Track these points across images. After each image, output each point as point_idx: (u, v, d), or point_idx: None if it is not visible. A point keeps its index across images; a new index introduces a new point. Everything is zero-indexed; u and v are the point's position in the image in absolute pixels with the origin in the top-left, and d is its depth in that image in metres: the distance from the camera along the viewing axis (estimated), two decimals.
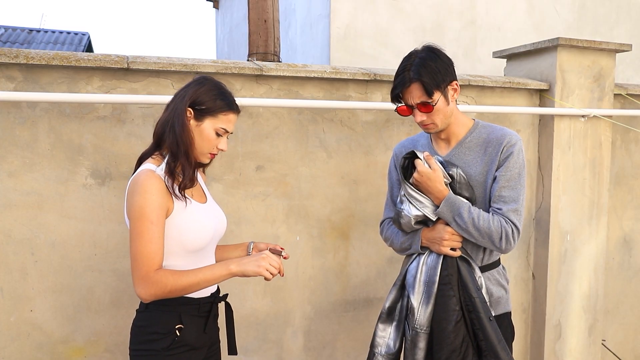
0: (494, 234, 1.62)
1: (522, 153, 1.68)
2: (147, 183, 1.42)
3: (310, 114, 2.35)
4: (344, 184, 2.44)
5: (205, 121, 1.51)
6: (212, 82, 1.54)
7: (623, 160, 3.08)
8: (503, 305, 1.79)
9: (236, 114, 1.56)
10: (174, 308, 1.52)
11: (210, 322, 1.60)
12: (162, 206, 1.43)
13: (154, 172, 1.46)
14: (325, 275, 2.44)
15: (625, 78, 5.08)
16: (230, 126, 1.55)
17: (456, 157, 1.73)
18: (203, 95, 1.50)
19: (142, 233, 1.40)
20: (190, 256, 1.54)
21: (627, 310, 3.18)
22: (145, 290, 1.40)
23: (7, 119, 1.92)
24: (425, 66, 1.62)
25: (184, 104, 1.50)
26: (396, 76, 1.68)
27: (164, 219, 1.45)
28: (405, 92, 1.66)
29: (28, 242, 1.97)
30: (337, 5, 4.07)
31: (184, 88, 1.53)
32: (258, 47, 3.36)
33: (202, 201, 1.61)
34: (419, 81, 1.62)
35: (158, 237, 1.42)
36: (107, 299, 2.08)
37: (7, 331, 1.97)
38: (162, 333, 1.49)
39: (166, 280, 1.39)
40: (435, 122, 1.68)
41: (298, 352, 2.42)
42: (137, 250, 1.40)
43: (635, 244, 3.16)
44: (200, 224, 1.53)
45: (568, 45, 2.68)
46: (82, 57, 1.94)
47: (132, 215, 1.42)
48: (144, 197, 1.41)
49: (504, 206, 1.64)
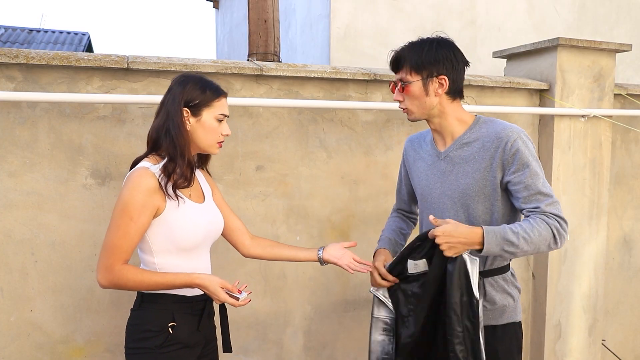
0: (547, 238, 1.50)
1: (527, 143, 1.58)
2: (138, 180, 1.46)
3: (310, 114, 2.35)
4: (344, 184, 2.44)
5: (203, 114, 1.55)
6: (193, 77, 1.58)
7: (623, 160, 3.08)
8: (509, 315, 1.70)
9: (225, 97, 1.61)
10: (167, 306, 1.54)
11: (204, 320, 1.61)
12: (146, 205, 1.46)
13: (149, 169, 1.49)
14: (325, 275, 2.44)
15: (625, 78, 5.08)
16: (225, 110, 1.60)
17: (453, 154, 1.67)
18: (191, 92, 1.54)
19: (120, 226, 1.46)
20: (183, 254, 1.56)
21: (627, 310, 3.18)
22: (104, 278, 1.46)
23: (7, 119, 1.92)
24: (416, 48, 1.61)
25: (178, 106, 1.53)
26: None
27: (147, 218, 1.48)
28: (393, 68, 1.67)
29: (28, 242, 1.97)
30: (337, 5, 4.07)
31: (169, 92, 1.56)
32: (258, 47, 3.36)
33: (199, 201, 1.62)
34: (401, 57, 1.62)
35: (133, 234, 1.46)
36: (107, 299, 2.08)
37: (7, 331, 1.97)
38: (155, 331, 1.51)
39: (127, 277, 1.46)
40: (408, 107, 1.66)
41: (298, 352, 2.42)
42: (110, 240, 1.47)
43: (635, 244, 3.15)
44: (193, 223, 1.55)
45: (568, 45, 2.68)
46: (82, 57, 1.94)
47: (116, 207, 1.47)
48: (131, 194, 1.45)
49: (539, 204, 1.53)
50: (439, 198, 1.70)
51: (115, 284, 1.46)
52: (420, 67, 1.59)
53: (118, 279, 1.46)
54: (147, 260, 1.55)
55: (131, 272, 1.46)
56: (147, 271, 1.50)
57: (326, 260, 1.74)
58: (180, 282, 1.49)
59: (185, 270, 1.54)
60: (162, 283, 1.48)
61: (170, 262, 1.54)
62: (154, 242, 1.52)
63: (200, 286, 1.49)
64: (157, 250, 1.53)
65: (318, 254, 1.75)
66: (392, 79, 2.43)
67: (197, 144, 1.58)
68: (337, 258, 1.73)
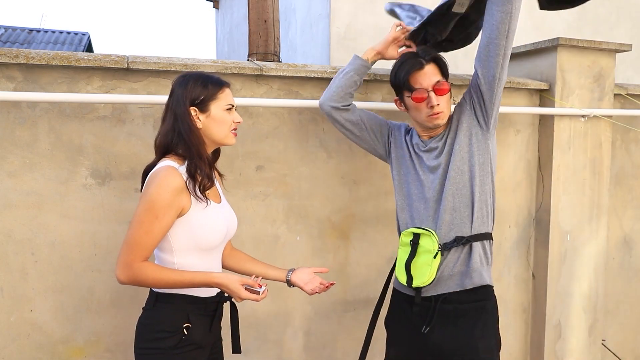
0: None
1: None
2: (165, 179, 1.45)
3: (310, 114, 2.35)
4: (344, 184, 2.43)
5: (211, 108, 1.56)
6: (192, 75, 1.59)
7: (623, 160, 3.08)
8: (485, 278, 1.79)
9: (229, 87, 1.62)
10: (182, 306, 1.53)
11: (216, 321, 1.62)
12: (172, 205, 1.45)
13: (177, 169, 1.48)
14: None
15: (625, 78, 5.08)
16: (231, 99, 1.61)
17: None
18: (195, 90, 1.54)
19: (143, 223, 1.44)
20: (202, 254, 1.56)
21: (627, 310, 3.18)
22: (123, 274, 1.46)
23: (7, 119, 1.92)
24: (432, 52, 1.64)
25: (185, 107, 1.52)
26: (399, 65, 1.67)
27: (171, 218, 1.47)
28: (418, 75, 1.64)
29: (28, 242, 1.97)
30: (337, 5, 4.06)
31: (172, 95, 1.56)
32: (258, 47, 3.36)
33: (217, 201, 1.63)
34: (434, 62, 1.61)
35: (157, 233, 1.45)
36: (107, 299, 2.08)
37: (7, 331, 1.97)
38: (170, 331, 1.51)
39: (146, 274, 1.45)
40: (444, 110, 1.66)
41: (298, 352, 2.42)
42: (133, 237, 1.45)
43: (635, 244, 3.15)
44: (215, 223, 1.56)
45: (568, 45, 2.68)
46: (82, 57, 1.94)
47: (141, 203, 1.46)
48: (158, 192, 1.44)
49: None
50: None
51: (134, 280, 1.46)
52: (446, 73, 1.67)
53: (137, 276, 1.45)
54: (165, 259, 1.54)
55: (150, 269, 1.46)
56: (166, 269, 1.49)
57: (293, 283, 1.75)
58: (199, 281, 1.48)
59: (203, 269, 1.54)
60: (180, 281, 1.47)
61: (190, 262, 1.54)
62: (175, 242, 1.52)
63: (220, 285, 1.49)
64: (178, 249, 1.52)
65: (287, 275, 1.76)
66: None
67: (213, 138, 1.58)
68: (304, 282, 1.74)
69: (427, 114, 1.75)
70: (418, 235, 1.75)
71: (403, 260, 1.79)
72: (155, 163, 1.55)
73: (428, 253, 1.72)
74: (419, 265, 1.74)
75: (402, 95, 1.83)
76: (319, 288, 1.74)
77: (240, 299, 1.50)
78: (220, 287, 1.49)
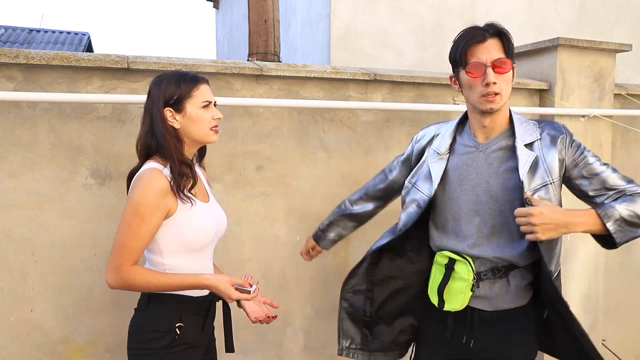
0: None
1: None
2: (149, 181, 1.44)
3: (310, 114, 2.35)
4: (344, 184, 2.43)
5: (186, 107, 1.52)
6: (167, 75, 1.55)
7: (623, 160, 3.08)
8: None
9: (205, 83, 1.57)
10: (174, 306, 1.53)
11: (209, 320, 1.61)
12: (158, 207, 1.44)
13: (161, 171, 1.47)
14: (326, 275, 2.44)
15: (625, 78, 5.08)
16: (208, 96, 1.56)
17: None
18: (167, 90, 1.51)
19: (130, 227, 1.43)
20: (192, 255, 1.55)
21: (627, 310, 3.18)
22: (112, 279, 1.45)
23: (7, 119, 1.92)
24: (505, 31, 1.50)
25: (159, 109, 1.50)
26: (459, 37, 1.52)
27: (158, 220, 1.46)
28: (477, 48, 1.48)
29: (28, 242, 1.97)
30: (337, 5, 4.06)
31: (149, 97, 1.54)
32: (258, 47, 3.36)
33: (205, 200, 1.62)
34: (498, 37, 1.47)
35: (144, 236, 1.45)
36: (107, 299, 2.08)
37: (7, 331, 1.97)
38: (162, 331, 1.50)
39: (135, 278, 1.44)
40: (502, 92, 1.49)
41: (298, 352, 2.42)
42: (120, 241, 1.44)
43: (635, 244, 3.15)
44: (203, 223, 1.55)
45: (568, 45, 2.68)
46: (82, 57, 1.94)
47: (127, 207, 1.45)
48: (143, 195, 1.43)
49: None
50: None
51: (123, 284, 1.45)
52: (511, 52, 1.50)
53: (127, 280, 1.44)
54: (155, 260, 1.54)
55: (139, 273, 1.45)
56: (155, 272, 1.48)
57: (241, 306, 1.71)
58: (188, 283, 1.48)
59: (193, 270, 1.54)
60: (170, 284, 1.47)
61: (180, 263, 1.53)
62: (164, 243, 1.51)
63: (209, 287, 1.48)
64: (167, 250, 1.52)
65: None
66: (392, 79, 2.43)
67: (192, 137, 1.55)
68: (250, 310, 1.71)
69: (480, 93, 1.52)
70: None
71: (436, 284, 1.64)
72: (140, 166, 1.54)
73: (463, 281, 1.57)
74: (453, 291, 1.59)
75: (457, 72, 1.58)
76: (262, 318, 1.71)
77: (231, 299, 1.50)
78: (210, 288, 1.49)
